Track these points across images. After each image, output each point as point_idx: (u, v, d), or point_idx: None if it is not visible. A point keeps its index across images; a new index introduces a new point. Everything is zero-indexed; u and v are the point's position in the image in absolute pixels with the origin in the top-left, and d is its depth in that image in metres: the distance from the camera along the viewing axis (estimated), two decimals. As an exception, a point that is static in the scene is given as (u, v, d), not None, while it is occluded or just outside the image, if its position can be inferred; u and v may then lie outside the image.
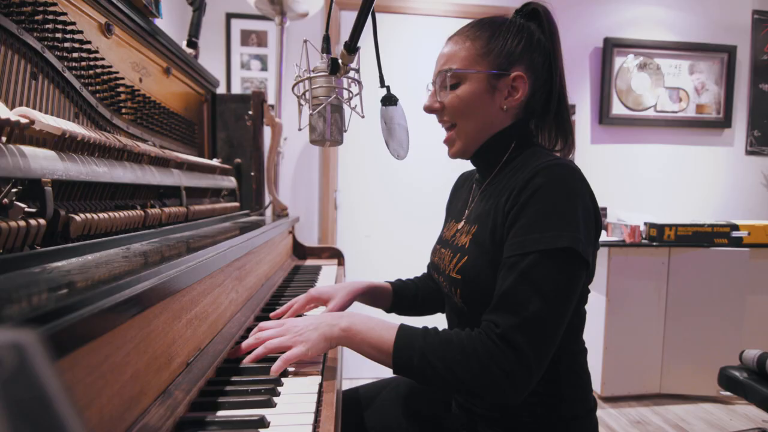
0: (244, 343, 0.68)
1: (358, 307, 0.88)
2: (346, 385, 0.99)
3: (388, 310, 0.98)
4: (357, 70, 0.71)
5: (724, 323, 2.28)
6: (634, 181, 2.78)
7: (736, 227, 2.34)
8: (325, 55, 0.70)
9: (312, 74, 0.69)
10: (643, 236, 2.36)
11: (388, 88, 0.78)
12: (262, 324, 0.71)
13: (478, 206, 0.78)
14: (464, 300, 0.73)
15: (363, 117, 0.74)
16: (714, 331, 2.28)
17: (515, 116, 0.77)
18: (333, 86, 0.69)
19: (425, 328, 0.66)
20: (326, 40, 0.71)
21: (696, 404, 2.27)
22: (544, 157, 0.70)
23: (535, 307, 0.60)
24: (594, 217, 0.68)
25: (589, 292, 0.75)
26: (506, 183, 0.72)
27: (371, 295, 0.93)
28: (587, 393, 0.76)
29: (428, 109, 0.78)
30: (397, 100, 0.78)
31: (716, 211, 2.84)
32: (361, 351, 0.66)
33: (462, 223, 0.81)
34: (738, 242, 2.32)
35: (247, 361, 0.65)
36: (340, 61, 0.68)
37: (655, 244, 2.27)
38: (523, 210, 0.65)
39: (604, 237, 2.43)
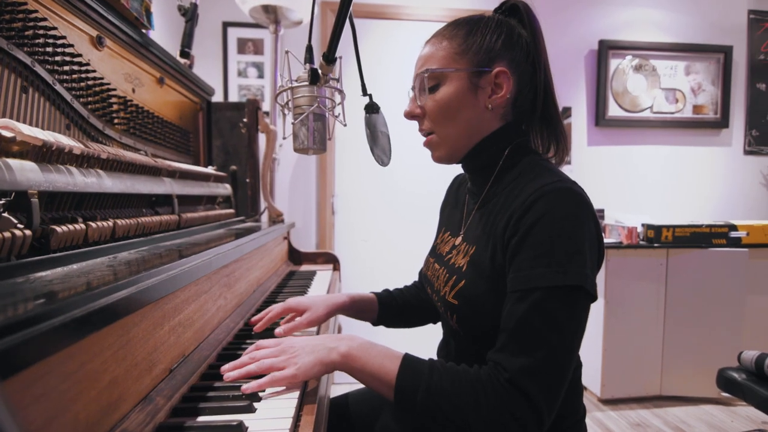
0: (237, 362, 0.64)
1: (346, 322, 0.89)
2: (343, 390, 0.99)
3: (375, 323, 0.95)
4: (337, 80, 0.72)
5: (723, 324, 2.27)
6: (631, 182, 2.78)
7: (734, 227, 2.34)
8: (307, 65, 0.71)
9: (294, 84, 0.71)
10: (641, 238, 2.36)
11: (370, 96, 0.79)
12: (260, 342, 0.68)
13: (475, 223, 0.74)
14: (461, 325, 0.70)
15: (345, 125, 0.75)
16: (714, 332, 2.27)
17: (503, 118, 0.72)
18: (315, 96, 0.71)
19: (431, 362, 0.62)
20: (309, 50, 0.72)
21: (697, 406, 2.26)
22: (545, 174, 0.65)
23: (543, 350, 0.56)
24: (597, 242, 0.64)
25: None
26: (504, 201, 0.68)
27: (354, 309, 0.90)
28: (578, 405, 0.74)
29: (409, 115, 0.74)
30: (379, 108, 0.79)
31: (715, 212, 2.83)
32: (360, 379, 0.63)
33: (459, 239, 0.77)
34: (737, 242, 2.31)
35: (235, 377, 0.61)
36: (320, 71, 0.69)
37: (654, 245, 2.27)
38: (526, 240, 0.60)
39: (601, 239, 2.43)
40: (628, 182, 2.77)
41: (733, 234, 2.33)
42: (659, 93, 2.74)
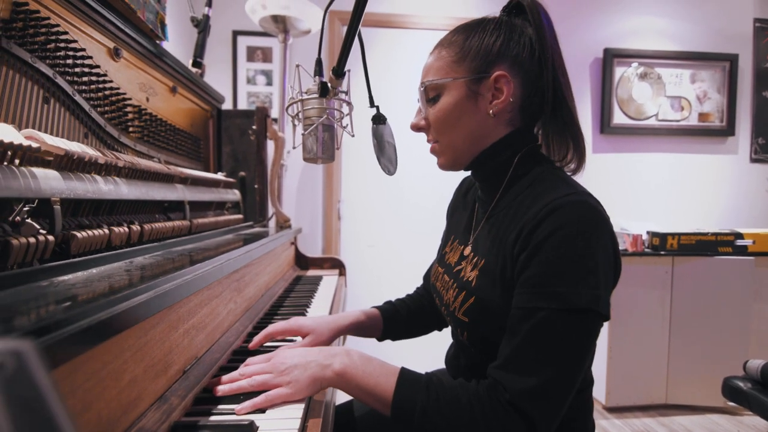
0: (226, 377, 0.63)
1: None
2: (348, 397, 1.00)
3: (380, 339, 0.93)
4: (345, 92, 0.74)
5: (730, 332, 2.26)
6: (636, 190, 2.78)
7: (740, 236, 2.33)
8: (317, 77, 0.74)
9: (304, 96, 0.73)
10: (646, 245, 2.36)
11: (377, 107, 0.81)
12: (250, 360, 0.66)
13: (484, 234, 0.71)
14: (471, 341, 0.68)
15: (353, 136, 0.77)
16: (720, 341, 2.26)
17: (511, 123, 0.69)
18: (324, 107, 0.73)
19: (428, 378, 0.60)
20: (318, 63, 0.75)
21: (703, 415, 2.25)
22: (559, 186, 0.62)
23: (546, 373, 0.54)
24: (614, 259, 0.61)
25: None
26: (515, 212, 0.65)
27: (358, 329, 0.88)
28: (587, 422, 0.73)
29: (415, 128, 0.73)
30: (386, 119, 0.81)
31: (721, 220, 2.82)
32: (356, 396, 0.61)
33: (468, 249, 0.74)
34: (743, 251, 2.31)
35: (226, 392, 0.60)
36: (329, 84, 0.72)
37: (660, 253, 2.27)
38: (537, 255, 0.57)
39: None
40: (633, 190, 2.78)
41: (739, 242, 2.32)
42: (664, 101, 2.75)
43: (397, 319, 0.93)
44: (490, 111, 0.67)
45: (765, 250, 2.33)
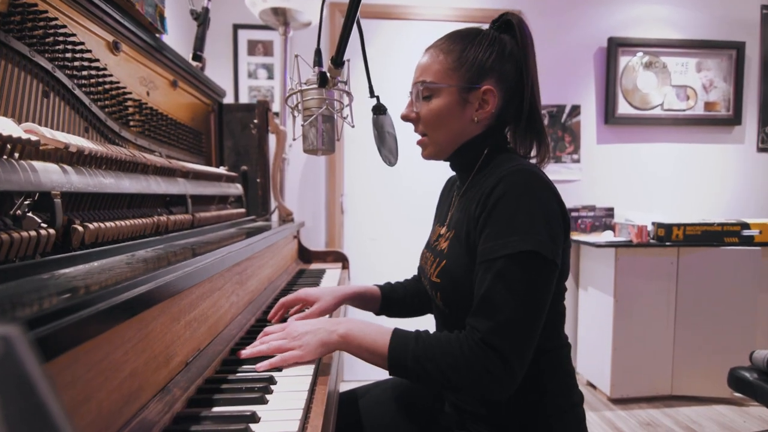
0: (250, 345, 0.72)
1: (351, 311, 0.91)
2: (352, 386, 1.02)
3: (378, 313, 1.01)
4: (345, 82, 0.74)
5: (735, 323, 2.24)
6: (642, 180, 2.76)
7: (747, 226, 2.31)
8: (316, 68, 0.73)
9: (303, 87, 0.73)
10: (651, 236, 2.34)
11: (377, 97, 0.81)
12: (267, 329, 0.76)
13: (456, 211, 0.82)
14: (445, 303, 0.77)
15: (353, 127, 0.77)
16: (726, 332, 2.25)
17: (486, 126, 0.80)
18: (324, 98, 0.72)
19: (417, 332, 0.70)
20: (318, 53, 0.74)
21: (708, 406, 2.24)
22: (510, 162, 0.74)
23: (508, 311, 0.64)
24: (560, 216, 0.70)
25: (566, 289, 0.78)
26: (479, 188, 0.75)
27: (360, 300, 0.97)
28: (571, 387, 0.78)
29: (405, 118, 0.81)
30: (386, 109, 0.81)
31: (727, 210, 2.80)
32: (358, 355, 0.71)
33: (444, 228, 0.85)
34: (749, 241, 2.29)
35: (247, 355, 0.69)
36: (328, 74, 0.71)
37: (665, 244, 2.25)
38: (490, 217, 0.69)
39: (611, 237, 2.42)
40: (638, 180, 2.75)
41: (746, 232, 2.30)
42: (670, 90, 2.71)
43: (394, 297, 1.00)
44: (475, 118, 0.78)
45: (772, 240, 2.30)
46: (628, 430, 2.03)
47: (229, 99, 2.24)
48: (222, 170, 1.44)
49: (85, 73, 0.85)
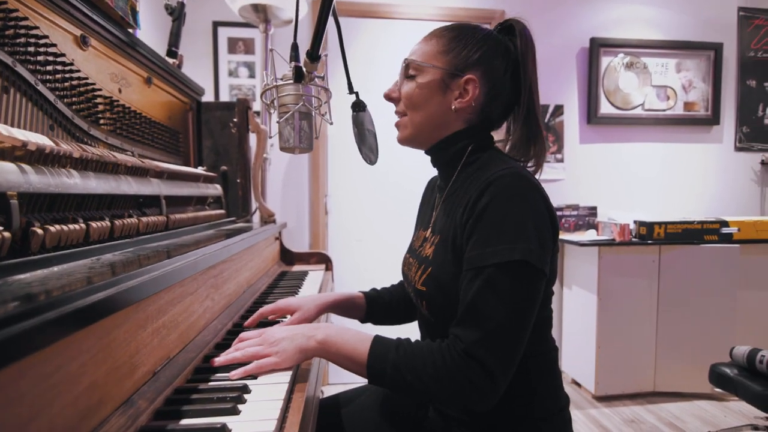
0: (225, 352, 0.69)
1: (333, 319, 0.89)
2: (337, 390, 0.99)
3: (363, 321, 0.98)
4: (322, 77, 0.71)
5: (716, 320, 2.28)
6: (624, 179, 2.79)
7: (726, 224, 2.35)
8: (292, 63, 0.71)
9: (279, 82, 0.70)
10: (633, 235, 2.37)
11: (357, 94, 0.78)
12: (243, 335, 0.73)
13: (440, 215, 0.79)
14: (431, 312, 0.75)
15: (332, 124, 0.74)
16: (707, 328, 2.28)
17: (468, 121, 0.78)
18: (300, 94, 0.70)
19: (398, 340, 0.68)
20: (294, 48, 0.71)
21: (690, 402, 2.27)
22: (497, 165, 0.71)
23: (494, 321, 0.62)
24: (549, 221, 0.68)
25: (552, 293, 0.77)
26: (464, 191, 0.73)
27: (343, 307, 0.94)
28: (558, 390, 0.77)
29: (387, 97, 0.80)
30: (365, 106, 0.79)
31: (707, 208, 2.84)
32: (337, 362, 0.68)
33: (428, 231, 0.82)
34: (728, 238, 2.33)
35: (219, 362, 0.66)
36: (304, 69, 0.68)
37: (647, 242, 2.28)
38: (478, 224, 0.66)
39: (594, 236, 2.44)
40: (620, 179, 2.78)
41: (725, 230, 2.34)
42: (650, 90, 2.75)
43: (380, 303, 0.98)
44: (453, 106, 0.76)
45: (750, 238, 2.35)
46: (613, 427, 2.04)
47: (209, 97, 2.20)
48: (200, 170, 1.39)
49: (49, 68, 0.80)
